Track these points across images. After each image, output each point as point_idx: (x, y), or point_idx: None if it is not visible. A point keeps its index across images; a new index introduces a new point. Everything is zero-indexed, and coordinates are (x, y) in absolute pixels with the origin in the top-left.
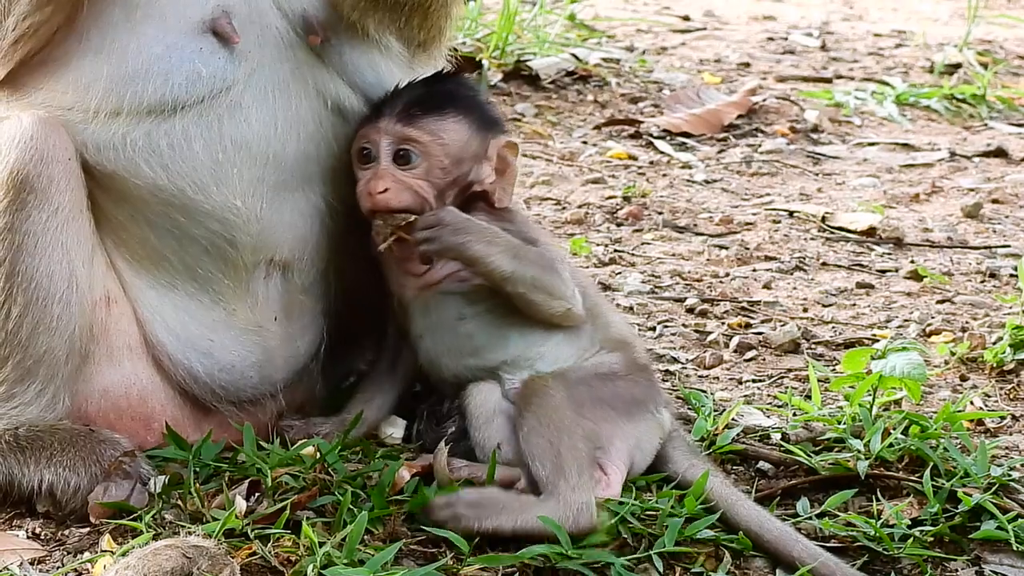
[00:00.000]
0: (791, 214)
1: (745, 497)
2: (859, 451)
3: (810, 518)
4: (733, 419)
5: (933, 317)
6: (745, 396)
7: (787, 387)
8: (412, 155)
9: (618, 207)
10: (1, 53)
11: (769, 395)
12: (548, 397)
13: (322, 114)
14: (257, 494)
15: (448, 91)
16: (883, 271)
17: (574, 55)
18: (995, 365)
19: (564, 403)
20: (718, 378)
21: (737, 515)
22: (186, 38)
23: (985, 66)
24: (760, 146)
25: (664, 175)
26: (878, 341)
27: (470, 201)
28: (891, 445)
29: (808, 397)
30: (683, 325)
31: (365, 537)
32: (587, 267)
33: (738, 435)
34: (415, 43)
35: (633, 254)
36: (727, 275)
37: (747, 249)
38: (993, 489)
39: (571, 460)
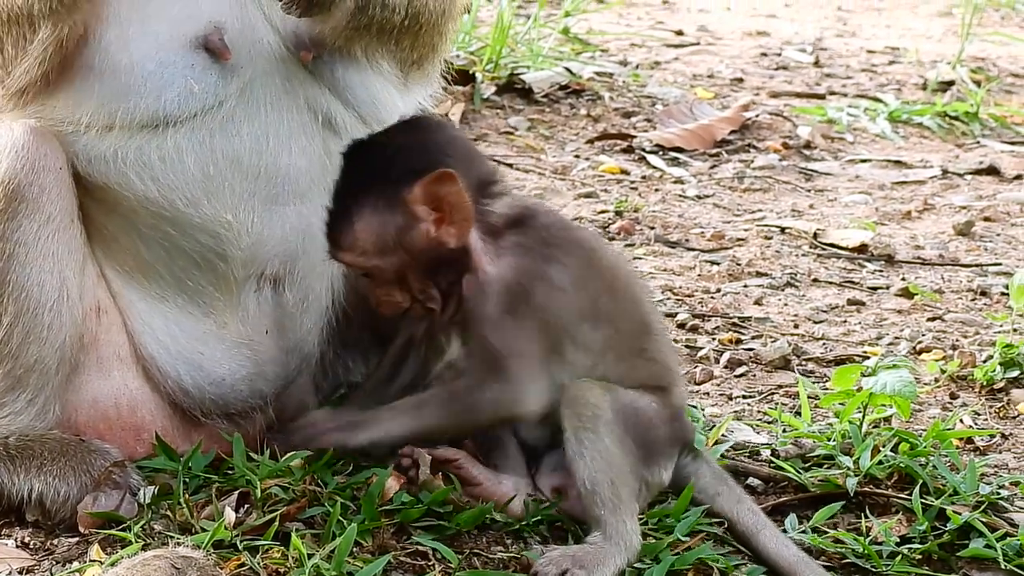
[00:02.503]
0: (783, 230)
1: (770, 523)
2: (848, 468)
3: (800, 534)
4: (723, 435)
5: (924, 335)
6: (735, 412)
7: (777, 403)
8: (365, 274)
9: (610, 221)
10: (16, 87)
11: (759, 411)
12: (603, 430)
13: (313, 129)
14: (246, 505)
15: (347, 185)
16: (874, 288)
17: (567, 69)
18: (985, 383)
19: (620, 437)
20: (708, 394)
21: (758, 545)
22: (178, 55)
23: (978, 84)
24: (752, 162)
25: (656, 190)
26: (868, 358)
27: (444, 259)
28: (880, 462)
29: (798, 413)
30: (674, 340)
31: (354, 549)
32: None
33: (728, 451)
34: (408, 63)
35: None
36: (718, 290)
37: (738, 265)
38: (982, 507)
39: (625, 493)
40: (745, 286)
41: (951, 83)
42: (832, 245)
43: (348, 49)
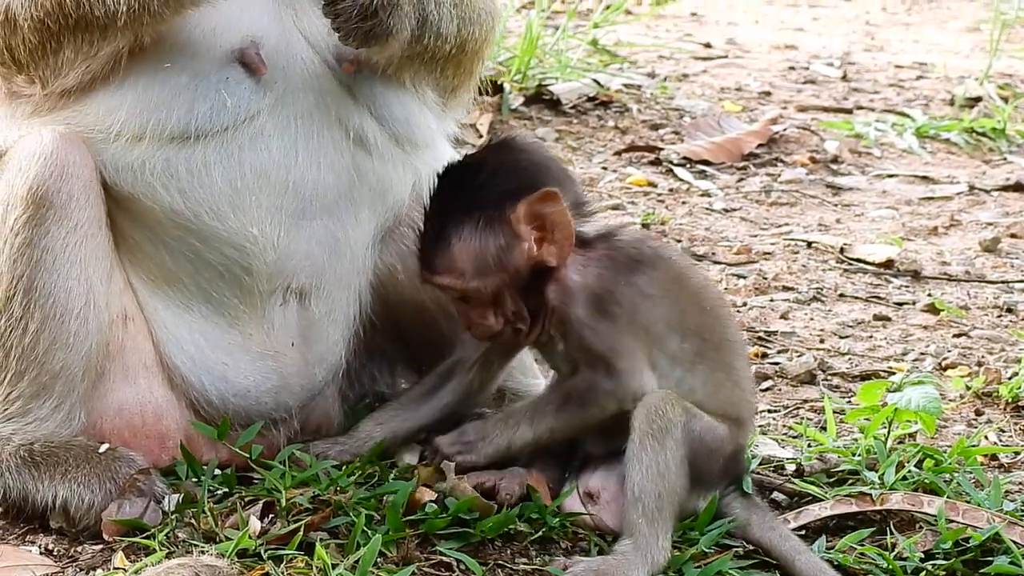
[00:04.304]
0: (809, 244)
1: (805, 548)
2: (873, 483)
3: (827, 551)
4: (749, 450)
5: (949, 351)
6: (760, 426)
7: (802, 418)
8: (460, 296)
9: None
10: (61, 88)
11: (784, 426)
12: (670, 443)
13: (343, 144)
14: (271, 515)
15: (445, 206)
16: (900, 304)
17: (595, 80)
18: (1010, 400)
19: (682, 457)
20: None
21: (795, 571)
22: (214, 67)
23: (1005, 100)
24: (780, 176)
25: (683, 203)
26: (894, 374)
27: (536, 276)
28: (905, 478)
29: (823, 428)
30: None
31: (378, 559)
32: None
33: (753, 466)
34: (449, 89)
35: None
36: (744, 304)
37: (765, 279)
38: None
39: (668, 511)
40: (771, 300)
41: (978, 99)
42: (858, 260)
43: (397, 77)
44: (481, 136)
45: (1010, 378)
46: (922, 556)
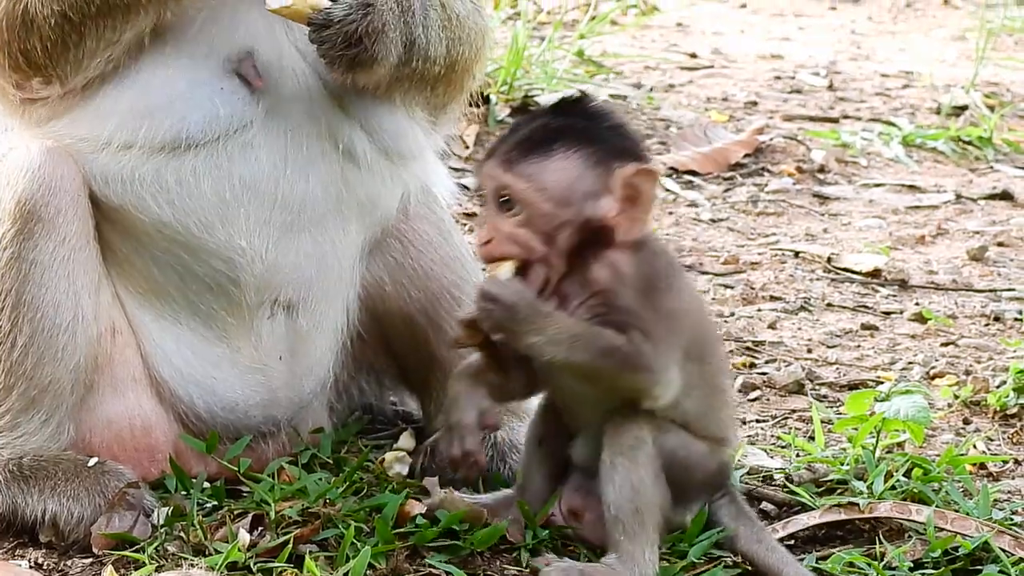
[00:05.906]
0: (797, 254)
1: (792, 560)
2: (862, 493)
3: (816, 561)
4: (737, 460)
5: (937, 360)
6: (749, 436)
7: (791, 428)
8: (512, 202)
9: None
10: (84, 82)
11: (773, 436)
12: (642, 459)
13: (332, 157)
14: (260, 527)
15: (561, 126)
16: (888, 313)
17: (582, 91)
18: (998, 409)
19: (656, 472)
20: None
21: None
22: (210, 76)
23: (992, 108)
24: (766, 185)
25: (670, 213)
26: (882, 383)
27: (592, 236)
28: (894, 487)
29: (812, 438)
30: None
31: (368, 572)
32: None
33: (742, 476)
34: (439, 107)
35: None
36: (732, 315)
37: (752, 289)
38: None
39: (649, 525)
40: (759, 310)
41: (965, 108)
42: (846, 269)
43: (388, 97)
44: (467, 147)
45: (998, 387)
46: (911, 565)
